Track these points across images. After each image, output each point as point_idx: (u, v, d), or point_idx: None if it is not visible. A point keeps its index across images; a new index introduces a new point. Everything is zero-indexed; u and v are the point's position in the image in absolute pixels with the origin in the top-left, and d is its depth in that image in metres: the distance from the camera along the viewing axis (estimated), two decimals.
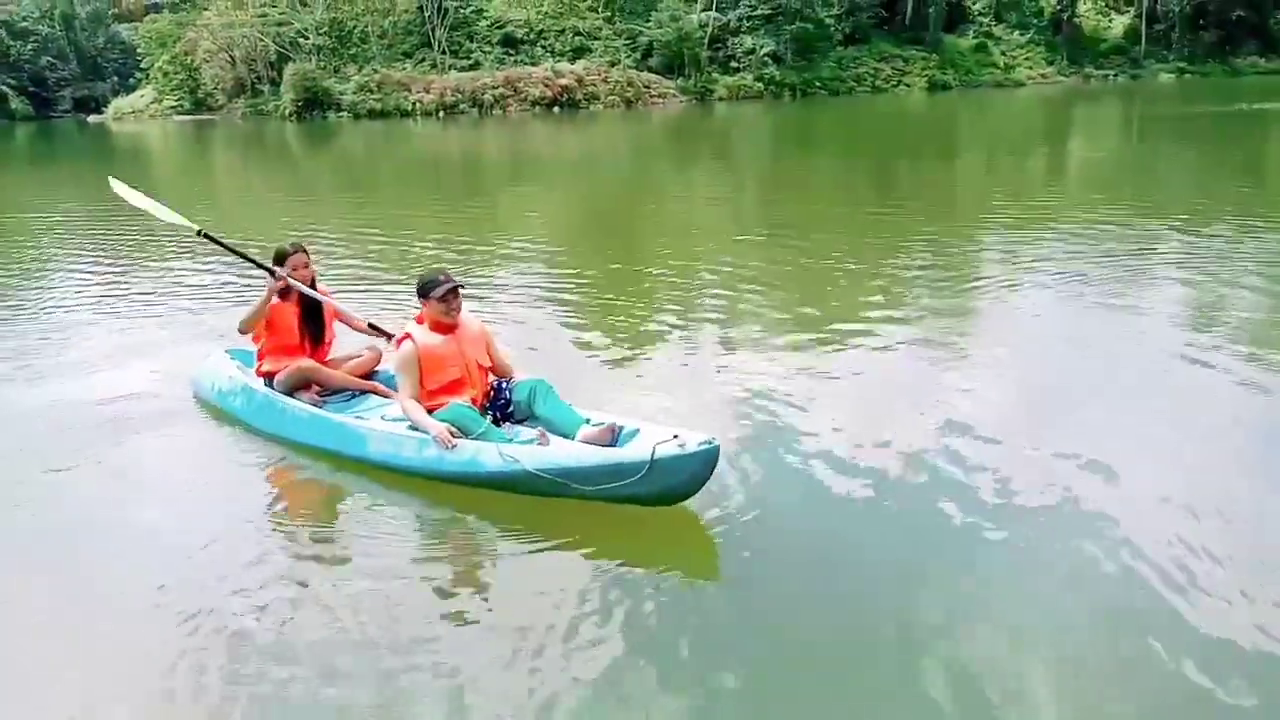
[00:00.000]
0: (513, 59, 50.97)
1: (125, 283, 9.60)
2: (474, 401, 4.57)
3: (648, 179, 20.06)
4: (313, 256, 5.51)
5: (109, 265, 10.74)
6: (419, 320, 4.68)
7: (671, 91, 49.48)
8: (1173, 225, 10.92)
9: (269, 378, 5.23)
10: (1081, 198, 14.47)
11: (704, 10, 51.60)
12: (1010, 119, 33.31)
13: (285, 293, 5.23)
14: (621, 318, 7.50)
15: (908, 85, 53.58)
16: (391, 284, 8.90)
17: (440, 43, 50.94)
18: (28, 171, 28.25)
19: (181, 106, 55.98)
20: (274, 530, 4.26)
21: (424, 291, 4.60)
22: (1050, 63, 58.93)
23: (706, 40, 51.32)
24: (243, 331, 5.24)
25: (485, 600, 3.62)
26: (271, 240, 6.81)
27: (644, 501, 3.94)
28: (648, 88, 49.17)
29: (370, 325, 5.47)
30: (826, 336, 6.66)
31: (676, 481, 3.89)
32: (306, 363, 5.16)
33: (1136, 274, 8.53)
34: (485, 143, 32.11)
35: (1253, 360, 5.96)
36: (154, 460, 5.05)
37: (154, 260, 10.88)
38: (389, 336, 5.19)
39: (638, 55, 51.18)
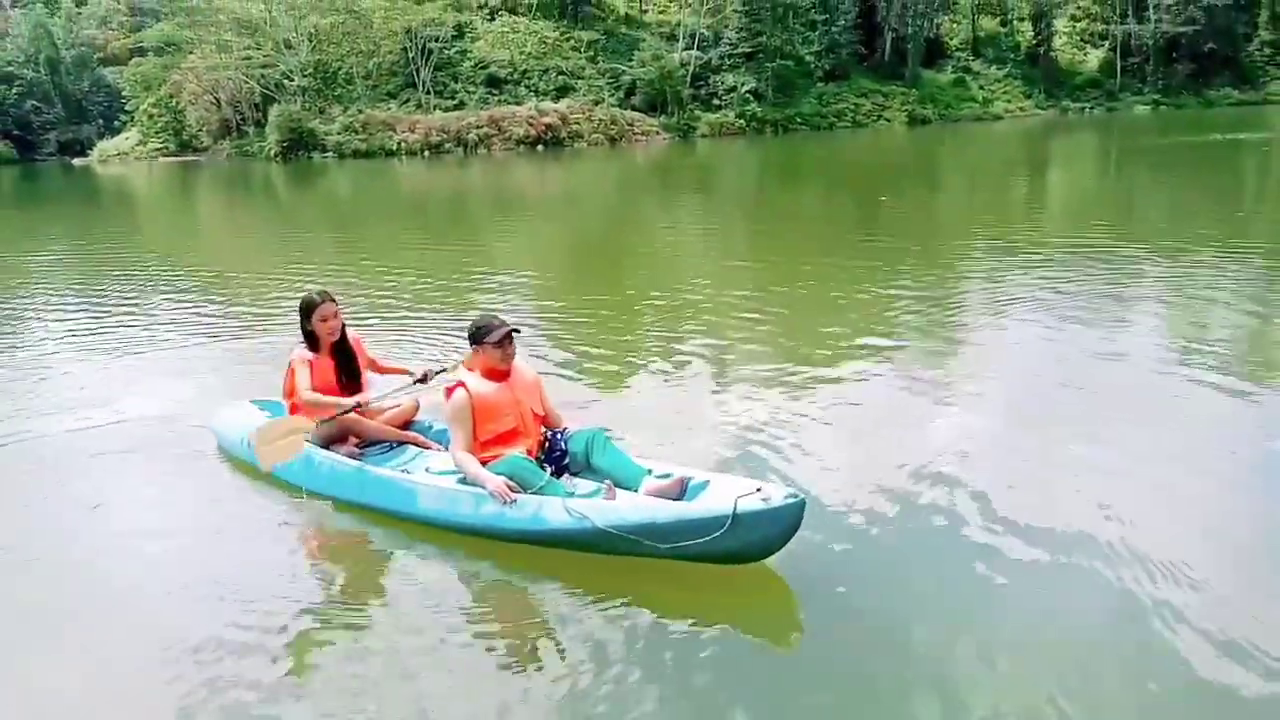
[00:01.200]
0: (496, 98, 51.38)
1: (126, 326, 9.46)
2: (528, 453, 4.35)
3: (634, 214, 20.21)
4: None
5: (108, 307, 10.62)
6: (469, 367, 4.47)
7: (655, 129, 49.94)
8: (1151, 252, 11.08)
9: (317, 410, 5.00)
10: (1062, 227, 14.66)
11: (686, 49, 52.25)
12: (989, 151, 33.73)
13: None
14: (611, 353, 7.54)
15: (888, 120, 54.24)
16: (382, 320, 8.92)
17: (424, 83, 51.34)
18: (14, 215, 28.20)
19: (167, 148, 56.13)
20: (319, 591, 4.05)
21: (478, 337, 4.37)
22: (1028, 96, 59.82)
23: (688, 78, 51.93)
24: (305, 408, 4.95)
25: (548, 666, 3.38)
26: (262, 279, 6.90)
27: (720, 559, 3.70)
28: (631, 125, 49.62)
29: (405, 371, 5.27)
30: (820, 372, 6.70)
31: (759, 538, 3.64)
32: (349, 417, 4.93)
33: (1117, 300, 8.64)
34: (470, 181, 32.28)
35: (1231, 382, 6.05)
36: (183, 520, 4.73)
37: (156, 302, 10.74)
38: (424, 379, 5.03)
39: (621, 94, 51.71)
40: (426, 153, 46.02)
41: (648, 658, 3.36)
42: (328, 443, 4.89)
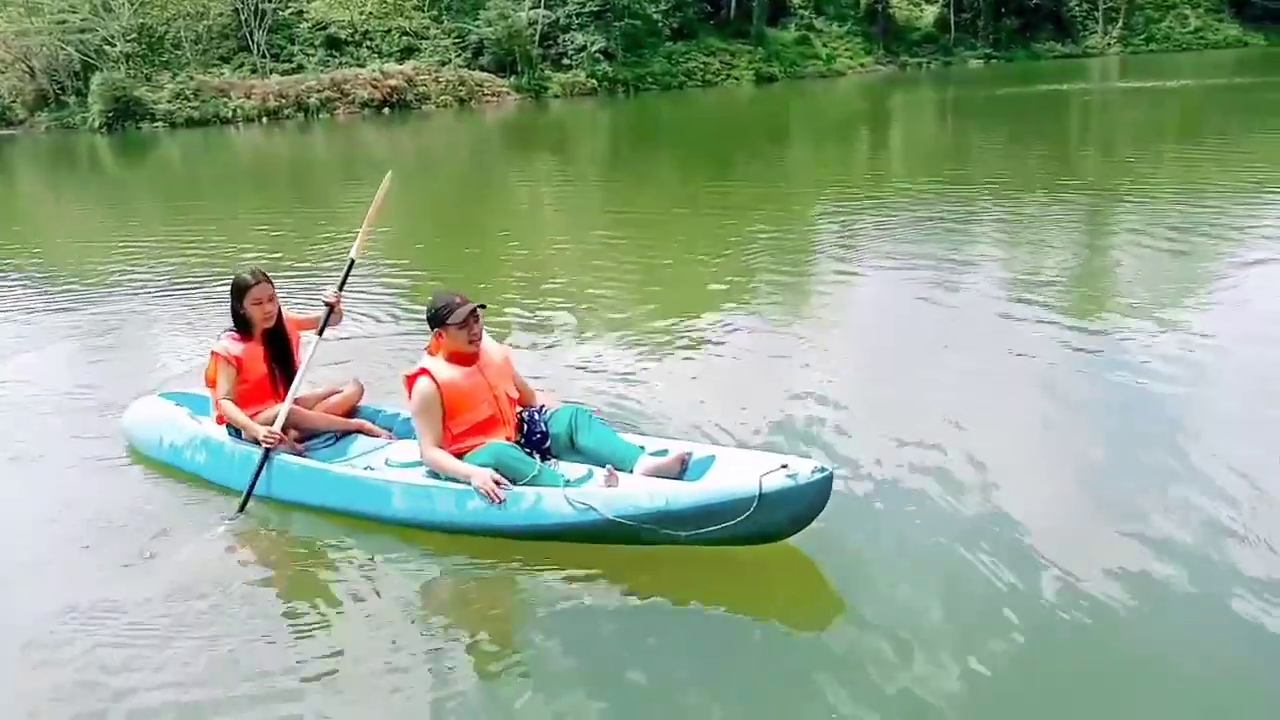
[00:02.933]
0: (337, 61, 49.40)
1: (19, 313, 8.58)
2: (508, 440, 3.91)
3: (489, 176, 19.83)
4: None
5: None
6: (430, 351, 3.99)
7: (505, 89, 49.04)
8: (988, 197, 11.61)
9: (235, 426, 4.46)
10: (904, 176, 15.18)
11: (533, 8, 51.38)
12: (835, 107, 34.56)
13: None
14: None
15: (736, 79, 54.79)
16: (218, 296, 8.50)
17: (259, 46, 48.88)
18: None
19: None
20: (281, 612, 3.51)
21: (439, 319, 3.88)
22: (869, 53, 61.36)
23: (537, 38, 51.12)
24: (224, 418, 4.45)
25: (547, 664, 3.08)
26: (88, 264, 6.37)
27: (741, 542, 3.42)
28: (480, 86, 48.55)
29: (312, 323, 4.67)
30: (684, 325, 6.75)
31: (787, 517, 3.36)
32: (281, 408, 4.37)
33: (960, 243, 9.01)
34: (314, 147, 31.05)
35: (1065, 315, 6.41)
36: (107, 535, 4.07)
37: (46, 286, 9.80)
38: (331, 310, 4.56)
39: (468, 54, 50.50)
40: (265, 119, 43.90)
41: (666, 649, 3.11)
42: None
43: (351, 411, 4.74)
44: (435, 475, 3.84)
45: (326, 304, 4.58)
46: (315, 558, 3.86)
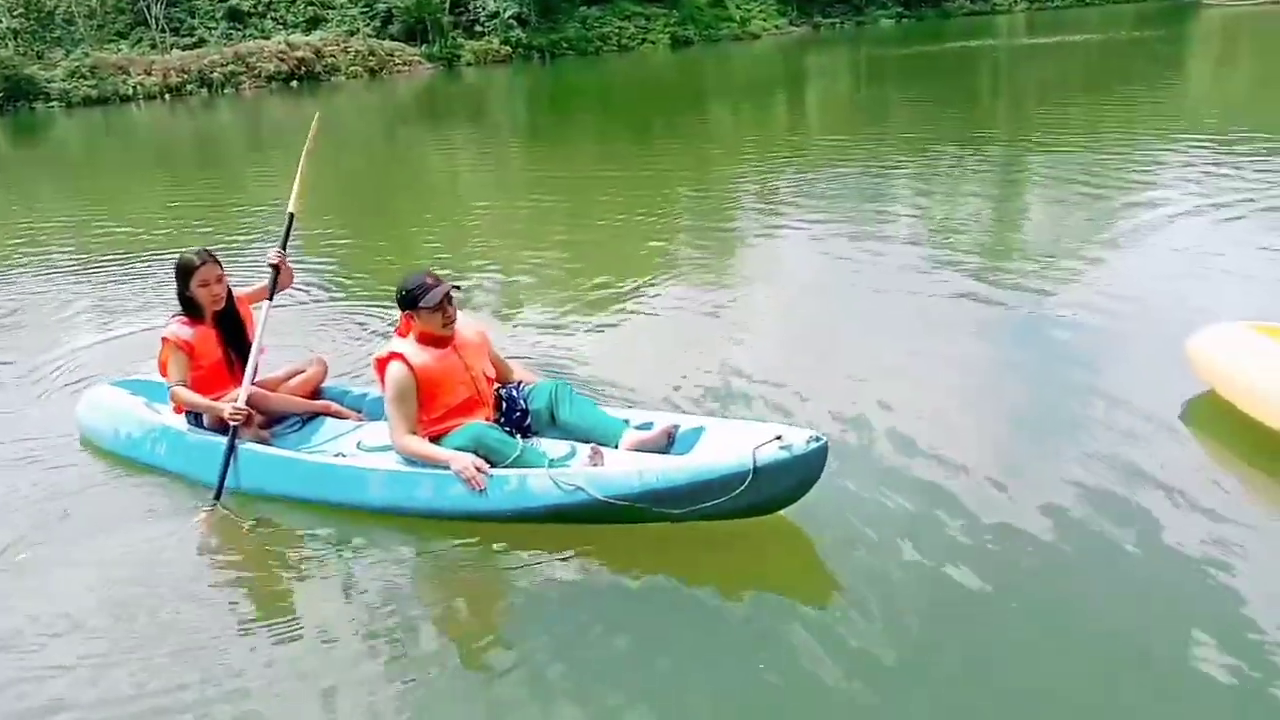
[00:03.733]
0: (241, 34, 47.80)
1: None
2: (487, 421, 3.76)
3: (404, 147, 19.46)
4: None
5: None
6: (401, 333, 3.78)
7: (417, 58, 47.99)
8: (904, 153, 11.77)
9: (193, 414, 4.24)
10: (822, 135, 15.31)
11: None
12: (752, 69, 34.62)
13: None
14: (387, 289, 7.25)
15: (652, 43, 54.46)
16: (129, 277, 8.22)
17: (158, 20, 47.07)
18: None
19: None
20: (260, 607, 3.34)
21: (410, 301, 3.65)
22: (782, 14, 61.45)
23: (448, 5, 50.09)
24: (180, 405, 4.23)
25: (549, 646, 2.94)
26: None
27: (733, 516, 3.30)
28: (391, 56, 47.41)
29: (264, 293, 4.39)
30: (603, 293, 6.71)
31: (782, 489, 3.27)
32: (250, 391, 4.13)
33: (880, 199, 9.14)
34: (221, 122, 30.08)
35: (983, 268, 6.56)
36: (68, 533, 3.84)
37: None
38: (277, 273, 4.32)
39: (377, 23, 49.30)
40: (167, 95, 42.35)
41: (654, 630, 2.99)
42: (224, 427, 4.05)
43: (316, 392, 4.50)
44: (411, 461, 3.66)
45: (271, 265, 4.35)
46: (291, 547, 3.69)
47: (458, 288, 3.76)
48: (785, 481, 3.23)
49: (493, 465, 3.51)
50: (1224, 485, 3.56)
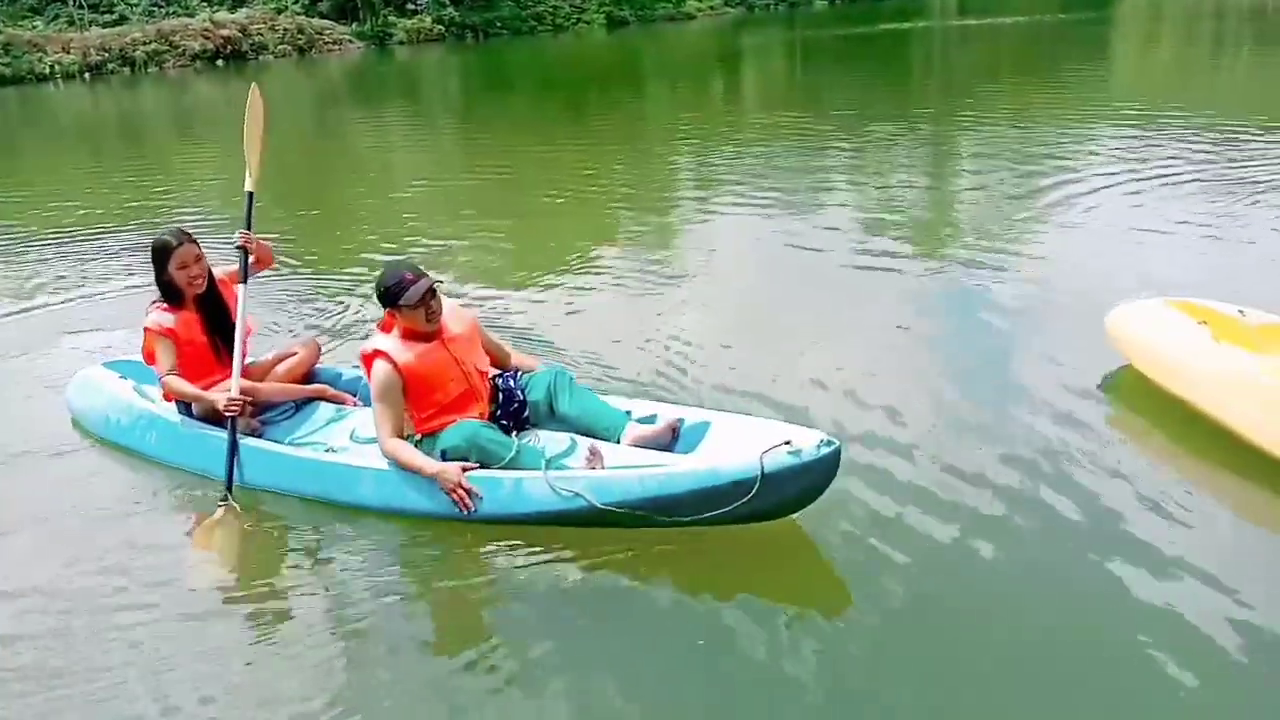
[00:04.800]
0: (164, 11, 46.42)
1: None
2: (481, 418, 3.56)
3: (335, 128, 19.11)
4: None
5: None
6: (384, 328, 3.59)
7: (347, 37, 47.08)
8: (838, 132, 11.87)
9: (183, 402, 4.09)
10: (758, 116, 15.38)
11: None
12: (688, 49, 34.63)
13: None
14: (328, 274, 7.14)
15: (587, 23, 54.13)
16: (50, 257, 7.99)
17: None
18: None
19: None
20: (246, 596, 3.28)
21: (390, 298, 3.46)
22: None
23: None
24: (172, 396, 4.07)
25: (543, 650, 2.84)
26: None
27: (740, 522, 3.15)
28: (320, 34, 46.40)
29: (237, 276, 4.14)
30: (545, 274, 6.67)
31: (791, 496, 3.11)
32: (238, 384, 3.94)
33: (813, 180, 9.22)
34: (143, 102, 29.22)
35: (915, 247, 6.67)
36: (53, 524, 3.76)
37: None
38: (244, 275, 4.09)
39: (305, 1, 48.23)
40: (87, 75, 41.01)
41: (655, 634, 2.89)
42: (217, 417, 3.92)
43: (309, 375, 4.33)
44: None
45: (238, 247, 4.13)
46: (287, 542, 3.59)
47: (439, 283, 3.55)
48: (794, 488, 3.08)
49: (487, 466, 3.36)
50: (1138, 456, 3.70)
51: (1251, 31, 23.82)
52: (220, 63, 42.45)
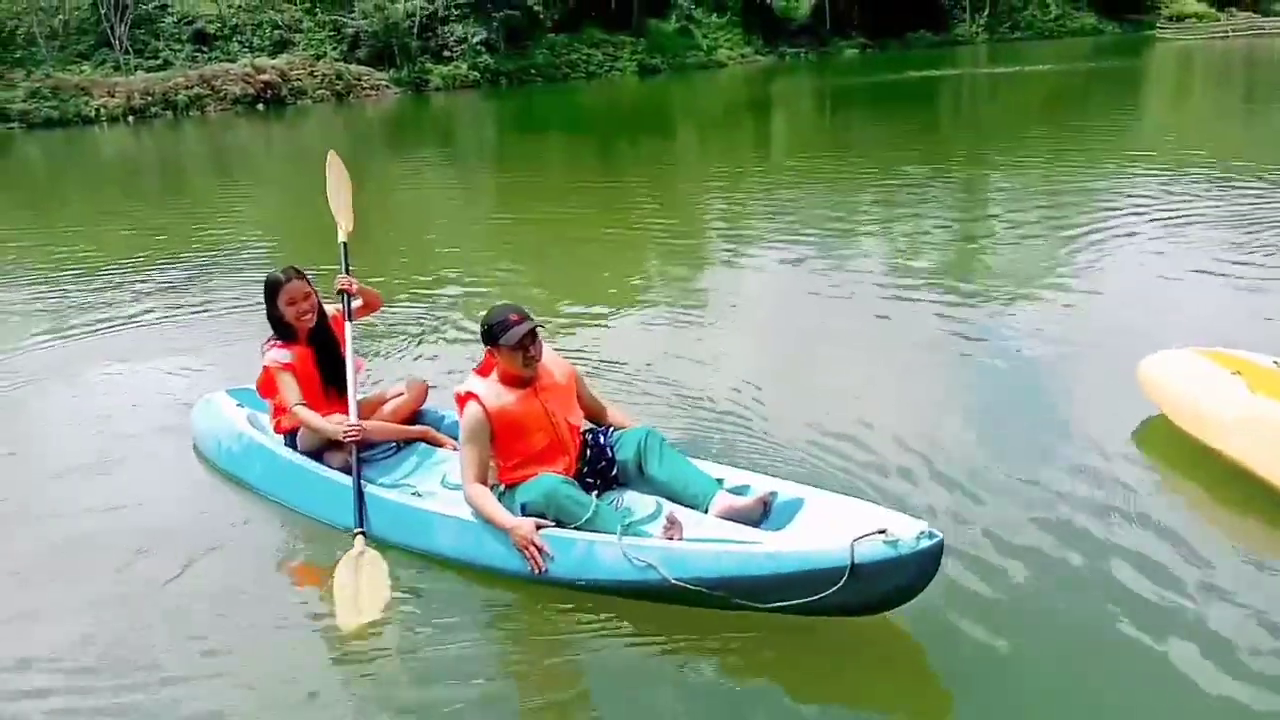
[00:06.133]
0: (206, 56, 47.58)
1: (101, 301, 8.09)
2: (566, 473, 3.49)
3: (372, 170, 19.44)
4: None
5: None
6: (481, 372, 3.56)
7: (384, 83, 47.98)
8: (868, 179, 11.96)
9: (289, 435, 4.21)
10: (786, 163, 15.50)
11: None
12: (718, 97, 35.01)
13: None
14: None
15: (620, 70, 54.87)
16: (87, 304, 8.19)
17: (121, 41, 46.72)
18: None
19: None
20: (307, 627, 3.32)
21: (491, 337, 3.45)
22: (748, 43, 62.23)
23: (415, 29, 50.22)
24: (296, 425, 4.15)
25: None
26: None
27: (826, 615, 2.91)
28: (359, 80, 47.34)
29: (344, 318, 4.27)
30: (576, 314, 6.77)
31: (883, 591, 2.83)
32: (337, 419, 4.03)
33: (844, 226, 9.28)
34: (185, 145, 29.91)
35: (949, 293, 6.69)
36: (162, 553, 3.81)
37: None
38: (349, 316, 4.20)
39: (344, 47, 49.26)
40: (131, 118, 42.04)
41: None
42: (318, 452, 4.07)
43: (414, 416, 4.40)
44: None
45: (340, 290, 4.25)
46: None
47: (541, 326, 3.52)
48: (887, 583, 2.80)
49: (563, 525, 3.28)
50: (1170, 505, 3.71)
51: None
52: (260, 106, 43.38)
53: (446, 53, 51.14)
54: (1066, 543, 3.44)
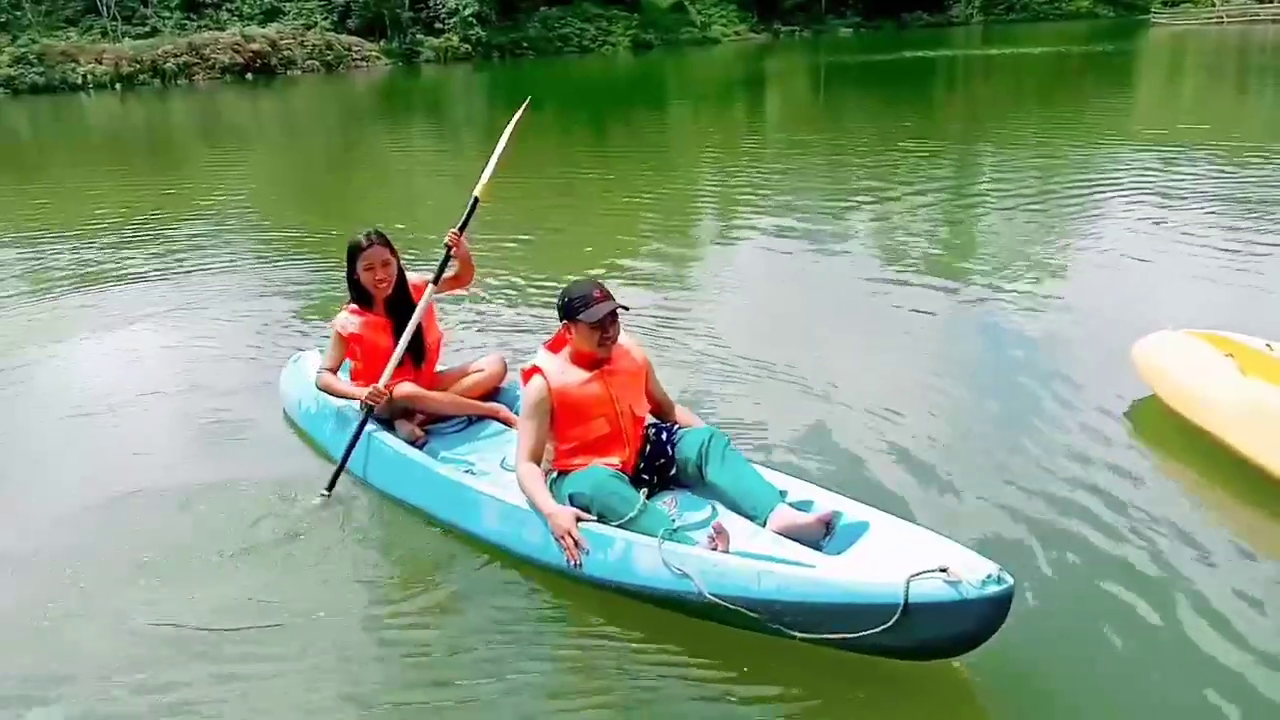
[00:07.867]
0: (195, 24, 47.10)
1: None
2: (624, 466, 3.30)
3: (363, 144, 19.29)
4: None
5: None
6: (553, 347, 3.38)
7: (375, 54, 47.63)
8: (859, 159, 11.93)
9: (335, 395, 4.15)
10: (781, 139, 15.44)
11: None
12: (712, 73, 34.81)
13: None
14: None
15: (613, 45, 54.59)
16: (94, 276, 8.10)
17: (109, 8, 46.19)
18: None
19: None
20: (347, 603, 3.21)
21: (570, 311, 3.25)
22: (743, 20, 61.95)
23: (407, 1, 49.79)
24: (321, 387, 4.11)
25: None
26: None
27: (872, 653, 2.62)
28: (349, 51, 46.99)
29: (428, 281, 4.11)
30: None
31: (936, 638, 2.50)
32: (405, 387, 3.94)
33: (835, 205, 9.25)
34: (173, 114, 29.60)
35: (937, 272, 6.67)
36: (231, 519, 3.71)
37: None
38: (438, 276, 4.05)
39: (334, 17, 48.81)
40: (119, 85, 41.61)
41: None
42: (389, 420, 3.98)
43: (492, 392, 4.27)
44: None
45: (446, 245, 4.03)
46: (383, 559, 3.50)
47: (625, 308, 3.30)
48: (943, 628, 2.47)
49: (606, 521, 3.07)
50: (1161, 485, 3.70)
51: (1276, 65, 23.79)
52: (249, 76, 42.99)
53: (438, 24, 50.72)
54: (1058, 525, 3.44)
